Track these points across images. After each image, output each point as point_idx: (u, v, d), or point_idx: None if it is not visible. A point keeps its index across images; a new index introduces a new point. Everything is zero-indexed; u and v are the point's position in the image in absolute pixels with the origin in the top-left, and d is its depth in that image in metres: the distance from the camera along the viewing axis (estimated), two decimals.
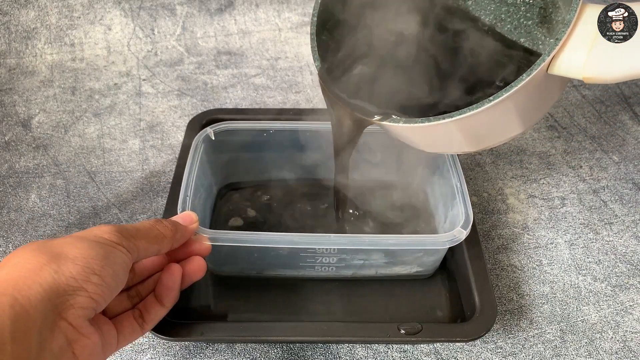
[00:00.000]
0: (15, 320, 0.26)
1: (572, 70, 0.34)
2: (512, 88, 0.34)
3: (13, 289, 0.27)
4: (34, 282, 0.28)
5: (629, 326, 0.45)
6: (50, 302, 0.28)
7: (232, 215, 0.51)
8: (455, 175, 0.46)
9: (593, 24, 0.33)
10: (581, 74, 0.34)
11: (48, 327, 0.27)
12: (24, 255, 0.29)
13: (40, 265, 0.29)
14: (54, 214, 0.53)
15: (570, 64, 0.34)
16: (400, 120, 0.38)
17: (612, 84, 0.70)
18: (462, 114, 0.35)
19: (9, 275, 0.28)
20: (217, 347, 0.43)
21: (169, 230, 0.36)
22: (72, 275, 0.29)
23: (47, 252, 0.30)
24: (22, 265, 0.29)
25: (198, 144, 0.48)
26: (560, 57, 0.34)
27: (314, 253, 0.44)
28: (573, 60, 0.33)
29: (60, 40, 0.75)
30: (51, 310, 0.28)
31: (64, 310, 0.28)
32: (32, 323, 0.27)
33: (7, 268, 0.29)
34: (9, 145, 0.61)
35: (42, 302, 0.27)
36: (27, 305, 0.27)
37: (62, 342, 0.28)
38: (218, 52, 0.76)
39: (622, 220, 0.54)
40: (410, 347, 0.43)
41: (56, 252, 0.30)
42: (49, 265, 0.29)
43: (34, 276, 0.28)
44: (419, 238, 0.43)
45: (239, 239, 0.41)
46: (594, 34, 0.33)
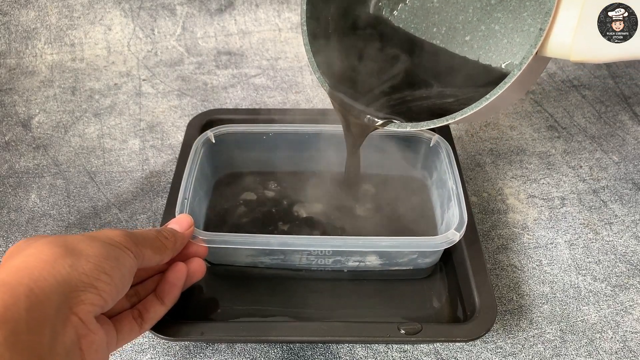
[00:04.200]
0: (31, 310, 0.26)
1: (560, 52, 0.36)
2: (519, 70, 0.36)
3: (29, 279, 0.27)
4: (49, 274, 0.28)
5: (629, 326, 0.45)
6: (63, 296, 0.28)
7: (232, 216, 0.51)
8: (452, 177, 0.46)
9: (576, 8, 0.34)
10: (568, 55, 0.35)
11: (60, 320, 0.28)
12: (38, 246, 0.30)
13: (55, 257, 0.29)
14: (54, 214, 0.53)
15: (557, 46, 0.36)
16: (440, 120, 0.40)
17: (601, 63, 0.71)
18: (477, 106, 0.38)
19: (24, 264, 0.28)
20: (217, 347, 0.43)
21: (170, 243, 0.37)
22: (84, 271, 0.29)
23: (63, 245, 0.30)
24: (37, 256, 0.29)
25: (198, 147, 0.49)
26: (549, 40, 0.36)
27: (309, 254, 0.44)
28: (560, 44, 0.36)
29: (60, 41, 0.75)
30: (64, 303, 0.28)
31: (75, 305, 0.28)
32: (46, 315, 0.27)
33: (21, 257, 0.29)
34: (9, 145, 0.61)
35: (56, 294, 0.28)
36: (42, 297, 0.27)
37: (73, 336, 0.28)
38: (218, 52, 0.76)
39: (622, 220, 0.54)
40: (410, 347, 0.43)
41: (71, 247, 0.30)
42: (64, 258, 0.29)
43: (49, 268, 0.28)
44: (413, 240, 0.43)
45: (234, 242, 0.42)
46: (577, 16, 0.34)
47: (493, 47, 0.44)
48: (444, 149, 0.49)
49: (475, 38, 0.44)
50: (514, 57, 0.43)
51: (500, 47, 0.43)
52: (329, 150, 0.51)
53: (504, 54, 0.43)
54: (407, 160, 0.54)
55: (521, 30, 0.42)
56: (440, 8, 0.46)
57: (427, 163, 0.53)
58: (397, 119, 0.43)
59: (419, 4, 0.47)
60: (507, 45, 0.43)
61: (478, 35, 0.44)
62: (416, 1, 0.46)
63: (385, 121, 0.43)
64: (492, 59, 0.44)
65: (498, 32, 0.43)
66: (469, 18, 0.44)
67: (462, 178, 0.48)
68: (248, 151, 0.53)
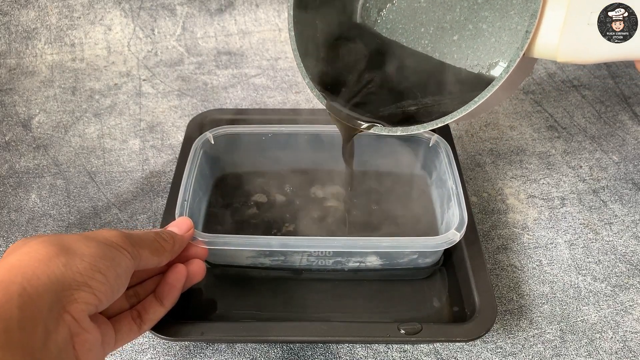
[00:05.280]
0: (23, 309, 0.26)
1: (546, 53, 0.36)
2: (507, 73, 0.36)
3: (22, 277, 0.27)
4: (42, 273, 0.28)
5: (629, 326, 0.45)
6: (57, 295, 0.28)
7: (232, 216, 0.51)
8: (451, 177, 0.46)
9: (562, 9, 0.35)
10: (555, 56, 0.36)
11: (53, 318, 0.28)
12: (33, 245, 0.30)
13: (49, 256, 0.29)
14: (54, 214, 0.53)
15: (544, 48, 0.36)
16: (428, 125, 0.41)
17: (589, 64, 0.71)
18: (464, 110, 0.38)
19: (19, 262, 0.28)
20: (217, 347, 0.43)
21: (169, 245, 0.37)
22: (78, 270, 0.29)
23: (58, 244, 0.30)
24: (32, 255, 0.29)
25: (197, 148, 0.49)
26: (535, 41, 0.36)
27: (309, 255, 0.44)
28: (546, 45, 0.36)
29: (61, 41, 0.75)
30: (56, 302, 0.28)
31: (68, 303, 0.29)
32: (39, 313, 0.27)
33: (17, 255, 0.29)
34: (9, 145, 0.61)
35: (49, 293, 0.28)
36: (35, 295, 0.27)
37: (66, 334, 0.28)
38: (218, 52, 0.76)
39: (622, 220, 0.54)
40: (410, 347, 0.43)
41: (66, 246, 0.30)
42: (58, 257, 0.29)
43: (43, 266, 0.28)
44: (413, 240, 0.43)
45: (234, 243, 0.42)
46: (563, 17, 0.35)
47: (481, 46, 0.44)
48: (444, 149, 0.49)
49: (464, 37, 0.44)
50: (502, 55, 0.43)
51: (489, 46, 0.43)
52: (329, 150, 0.51)
53: (493, 53, 0.43)
54: (407, 160, 0.54)
55: (509, 29, 0.42)
56: (427, 8, 0.46)
57: (427, 163, 0.53)
58: (381, 123, 0.44)
59: (406, 4, 0.47)
60: (496, 44, 0.43)
61: (466, 35, 0.44)
62: (403, 1, 0.46)
63: (369, 125, 0.44)
64: (481, 58, 0.44)
65: (486, 31, 0.43)
66: (456, 17, 0.44)
67: (462, 178, 0.48)
68: (248, 151, 0.53)
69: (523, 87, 0.71)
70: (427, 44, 0.46)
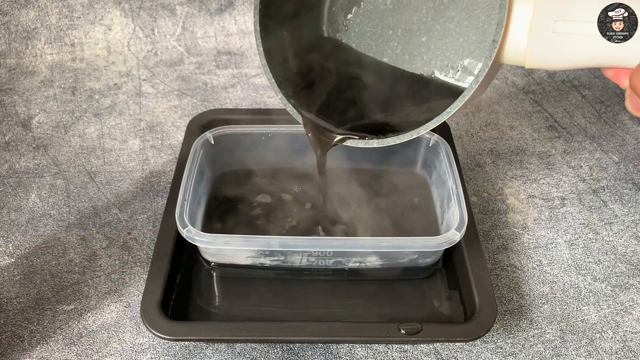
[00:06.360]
0: None
1: (515, 60, 0.37)
2: (477, 83, 0.37)
3: None
4: None
5: (629, 326, 0.45)
6: None
7: (232, 216, 0.51)
8: (451, 177, 0.46)
9: (527, 18, 0.35)
10: (523, 62, 0.37)
11: None
12: None
13: None
14: (54, 214, 0.53)
15: (512, 54, 0.37)
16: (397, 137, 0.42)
17: (557, 70, 0.71)
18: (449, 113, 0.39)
19: None
20: (217, 347, 0.43)
21: None
22: None
23: None
24: None
25: (197, 148, 0.49)
26: (503, 48, 0.37)
27: (309, 255, 0.44)
28: (515, 51, 0.37)
29: (61, 41, 0.75)
30: None
31: None
32: None
33: None
34: (9, 145, 0.61)
35: None
36: None
37: None
38: (218, 52, 0.76)
39: (622, 220, 0.54)
40: (410, 347, 0.43)
41: None
42: None
43: None
44: (413, 240, 0.43)
45: (234, 243, 0.42)
46: (529, 24, 0.35)
47: (450, 46, 0.44)
48: (444, 149, 0.49)
49: (432, 38, 0.44)
50: (472, 54, 0.43)
51: (457, 45, 0.43)
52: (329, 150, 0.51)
53: (462, 52, 0.43)
54: (407, 160, 0.54)
55: (476, 28, 0.42)
56: (394, 10, 0.46)
57: (427, 163, 0.53)
58: (356, 135, 0.44)
59: (372, 6, 0.46)
60: (464, 44, 0.43)
61: (434, 35, 0.44)
62: (369, 4, 0.46)
63: (344, 137, 0.44)
64: (450, 58, 0.44)
65: (453, 30, 0.43)
66: (423, 18, 0.44)
67: (462, 178, 0.48)
68: (248, 152, 0.53)
69: (523, 87, 0.71)
70: (396, 46, 0.46)
